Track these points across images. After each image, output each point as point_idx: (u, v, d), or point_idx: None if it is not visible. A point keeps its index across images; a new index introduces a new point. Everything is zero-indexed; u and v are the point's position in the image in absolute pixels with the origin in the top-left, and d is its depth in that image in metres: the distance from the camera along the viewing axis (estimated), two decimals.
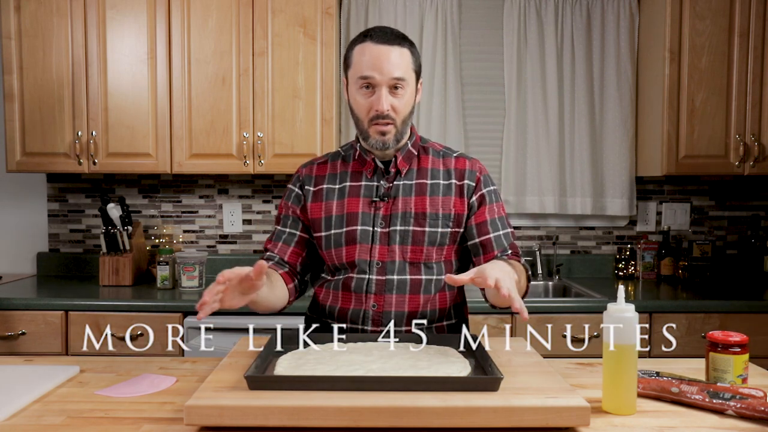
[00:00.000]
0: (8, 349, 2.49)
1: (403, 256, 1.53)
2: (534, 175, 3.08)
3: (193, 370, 1.43)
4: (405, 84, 1.48)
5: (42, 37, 2.75)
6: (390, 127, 1.49)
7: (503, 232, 1.57)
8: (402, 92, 1.48)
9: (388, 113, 1.47)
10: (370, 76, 1.46)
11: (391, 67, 1.46)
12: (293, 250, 1.61)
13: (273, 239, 1.63)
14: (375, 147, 1.52)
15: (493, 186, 1.62)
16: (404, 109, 1.50)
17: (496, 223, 1.57)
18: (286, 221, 1.63)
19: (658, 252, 3.04)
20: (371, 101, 1.48)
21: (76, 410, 1.18)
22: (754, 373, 1.40)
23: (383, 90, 1.46)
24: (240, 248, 3.17)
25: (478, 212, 1.57)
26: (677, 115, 2.80)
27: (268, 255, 1.62)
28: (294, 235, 1.61)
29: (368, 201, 1.56)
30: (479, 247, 1.56)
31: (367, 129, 1.51)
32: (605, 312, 1.18)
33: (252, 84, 2.77)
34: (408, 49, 1.50)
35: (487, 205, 1.58)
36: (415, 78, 1.53)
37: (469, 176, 1.59)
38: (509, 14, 3.06)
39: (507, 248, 1.57)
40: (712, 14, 2.77)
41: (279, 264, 1.60)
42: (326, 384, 1.12)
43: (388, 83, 1.46)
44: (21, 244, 3.17)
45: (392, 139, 1.51)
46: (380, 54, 1.46)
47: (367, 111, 1.49)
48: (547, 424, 1.05)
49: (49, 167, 2.79)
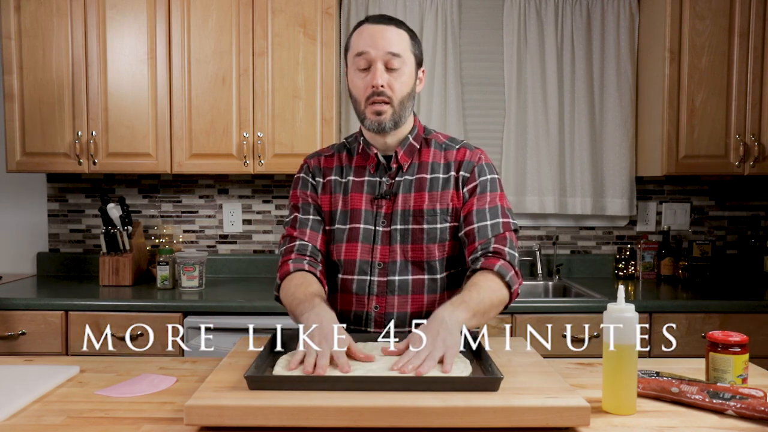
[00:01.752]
0: (8, 349, 2.49)
1: (404, 255, 1.51)
2: (534, 175, 3.08)
3: (193, 370, 1.43)
4: (402, 62, 1.46)
5: (42, 37, 2.75)
6: (386, 106, 1.46)
7: (491, 222, 1.48)
8: (399, 70, 1.46)
9: (383, 90, 1.45)
10: (365, 51, 1.45)
11: (385, 43, 1.44)
12: (322, 237, 1.55)
13: (298, 227, 1.54)
14: (371, 128, 1.49)
15: (490, 175, 1.54)
16: (401, 88, 1.47)
17: (483, 213, 1.49)
18: (307, 208, 1.57)
19: (658, 252, 3.04)
20: (367, 80, 1.46)
21: (76, 410, 1.18)
22: (754, 373, 1.40)
23: (378, 65, 1.44)
24: (240, 248, 3.17)
25: (468, 202, 1.51)
26: (677, 115, 2.80)
27: (299, 244, 1.52)
28: (319, 221, 1.56)
29: (371, 198, 1.53)
30: (465, 238, 1.50)
31: (364, 110, 1.48)
32: (605, 312, 1.18)
33: (252, 84, 2.77)
34: (406, 32, 1.49)
35: (477, 195, 1.51)
36: (415, 63, 1.51)
37: (466, 167, 1.53)
38: (509, 14, 3.06)
39: (490, 239, 1.46)
40: (712, 14, 2.77)
41: (312, 258, 1.52)
42: (326, 384, 1.12)
43: (384, 58, 1.45)
44: (21, 244, 3.17)
45: (389, 120, 1.47)
46: (376, 31, 1.46)
47: (364, 90, 1.47)
48: (547, 424, 1.05)
49: (49, 167, 2.79)
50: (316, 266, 1.52)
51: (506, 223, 1.50)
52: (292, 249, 1.53)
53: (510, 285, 1.43)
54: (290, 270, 1.49)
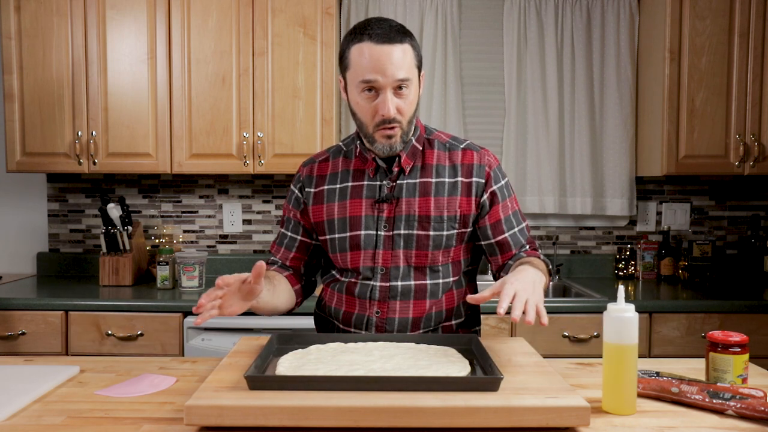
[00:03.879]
0: (8, 349, 2.49)
1: (407, 260, 1.49)
2: (534, 175, 3.08)
3: (193, 370, 1.43)
4: (409, 83, 1.39)
5: (42, 37, 2.75)
6: (396, 130, 1.41)
7: (518, 228, 1.54)
8: (407, 92, 1.40)
9: (394, 116, 1.39)
10: (373, 79, 1.37)
11: (394, 69, 1.36)
12: (294, 255, 1.59)
13: (276, 243, 1.62)
14: (382, 152, 1.45)
15: (503, 179, 1.54)
16: (409, 108, 1.42)
17: (510, 221, 1.53)
18: (288, 224, 1.61)
19: (658, 252, 3.04)
20: (375, 105, 1.39)
21: (76, 410, 1.18)
22: (754, 373, 1.40)
23: (388, 93, 1.37)
24: (240, 248, 3.17)
25: (491, 211, 1.51)
26: (677, 115, 2.80)
27: (271, 260, 1.62)
28: (295, 239, 1.59)
29: (371, 203, 1.50)
30: (495, 247, 1.52)
31: (373, 134, 1.42)
32: (605, 312, 1.18)
33: (252, 84, 2.77)
34: (409, 44, 1.40)
35: (500, 202, 1.51)
36: (418, 73, 1.44)
37: (478, 172, 1.50)
38: (509, 14, 3.06)
39: (524, 244, 1.54)
40: (712, 14, 2.77)
41: (283, 267, 1.60)
42: (326, 384, 1.12)
43: (393, 85, 1.37)
44: (21, 244, 3.17)
45: (399, 142, 1.43)
46: (381, 55, 1.36)
47: (372, 116, 1.41)
48: (547, 424, 1.05)
49: (49, 167, 2.79)
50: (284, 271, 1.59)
51: (527, 226, 1.60)
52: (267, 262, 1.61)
53: (550, 272, 1.54)
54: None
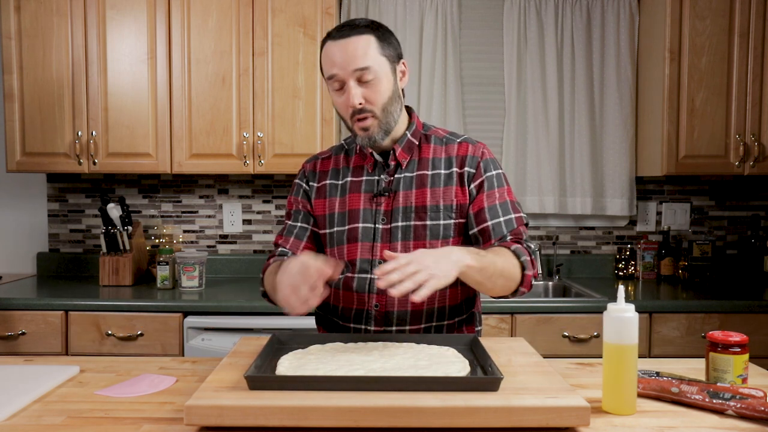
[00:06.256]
0: (8, 349, 2.49)
1: (406, 252, 1.48)
2: (534, 175, 3.08)
3: (193, 370, 1.43)
4: (373, 71, 1.42)
5: (42, 37, 2.75)
6: (370, 120, 1.44)
7: (504, 219, 1.48)
8: (372, 81, 1.42)
9: (362, 106, 1.43)
10: (334, 73, 1.42)
11: (350, 59, 1.40)
12: (306, 245, 1.58)
13: (284, 234, 1.60)
14: (363, 144, 1.49)
15: (496, 170, 1.53)
16: (379, 97, 1.44)
17: (496, 210, 1.49)
18: (297, 216, 1.61)
19: (658, 252, 3.04)
20: (345, 99, 1.44)
21: (76, 410, 1.18)
22: (754, 373, 1.40)
23: (350, 83, 1.42)
24: (240, 248, 3.17)
25: (477, 199, 1.50)
26: (677, 115, 2.80)
27: (279, 251, 1.58)
28: (305, 229, 1.59)
29: (369, 197, 1.52)
30: (479, 236, 1.50)
31: (352, 126, 1.48)
32: (605, 312, 1.18)
33: (252, 84, 2.77)
34: (372, 35, 1.43)
35: (485, 191, 1.50)
36: (389, 63, 1.46)
37: (470, 162, 1.51)
38: (509, 14, 3.06)
39: (506, 235, 1.47)
40: (712, 14, 2.77)
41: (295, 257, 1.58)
42: (326, 384, 1.12)
43: (353, 76, 1.41)
44: (21, 244, 3.17)
45: (377, 132, 1.46)
46: (338, 49, 1.42)
47: (345, 109, 1.45)
48: (547, 424, 1.05)
49: (49, 167, 2.79)
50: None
51: (518, 218, 1.51)
52: (274, 254, 1.60)
53: (524, 266, 1.43)
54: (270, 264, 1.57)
